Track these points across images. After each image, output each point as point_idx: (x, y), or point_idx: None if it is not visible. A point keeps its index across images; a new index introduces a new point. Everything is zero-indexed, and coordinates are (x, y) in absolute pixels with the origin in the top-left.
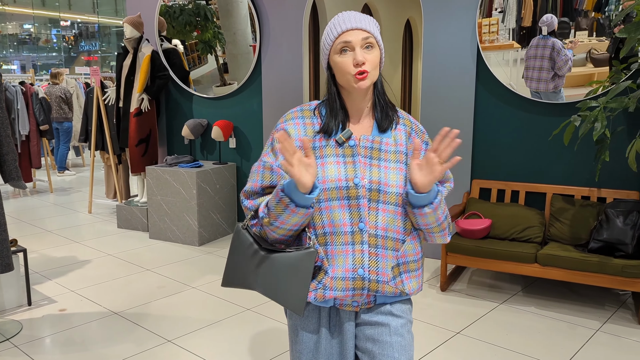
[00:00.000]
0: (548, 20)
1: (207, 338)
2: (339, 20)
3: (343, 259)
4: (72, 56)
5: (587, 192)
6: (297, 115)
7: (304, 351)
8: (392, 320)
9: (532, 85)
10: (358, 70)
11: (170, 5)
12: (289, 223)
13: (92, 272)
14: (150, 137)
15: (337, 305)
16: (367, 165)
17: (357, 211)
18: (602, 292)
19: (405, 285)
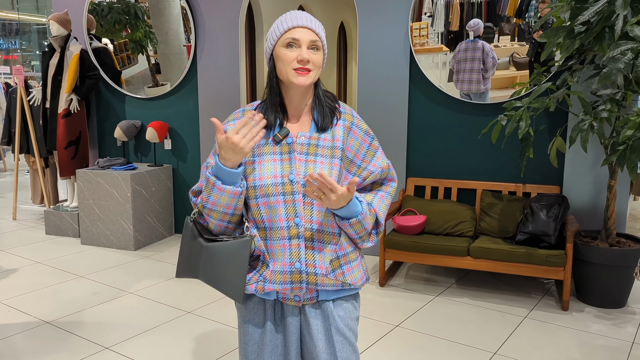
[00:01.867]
0: (475, 25)
1: (146, 343)
2: (291, 16)
3: (281, 253)
4: None
5: (514, 187)
6: (239, 116)
7: (250, 342)
8: (332, 321)
9: (463, 87)
10: (300, 66)
11: (98, 3)
12: (220, 204)
13: (20, 281)
14: (81, 139)
15: (280, 299)
16: (302, 161)
17: (293, 206)
18: (529, 282)
19: (346, 276)
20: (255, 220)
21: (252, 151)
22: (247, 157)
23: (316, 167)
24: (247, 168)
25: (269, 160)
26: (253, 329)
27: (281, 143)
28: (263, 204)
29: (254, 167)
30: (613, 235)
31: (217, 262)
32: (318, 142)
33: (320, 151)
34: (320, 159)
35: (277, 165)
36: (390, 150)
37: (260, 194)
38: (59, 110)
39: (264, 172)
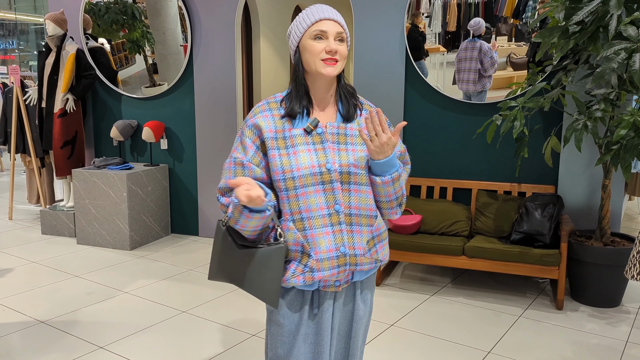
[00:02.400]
0: (476, 24)
1: (141, 343)
2: (317, 9)
3: (325, 240)
4: None
5: (509, 187)
6: (264, 108)
7: (285, 334)
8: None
9: (463, 87)
10: (329, 56)
11: (96, 3)
12: (249, 226)
13: (15, 280)
14: (77, 138)
15: (320, 287)
16: (335, 150)
17: (332, 194)
18: (524, 281)
19: (379, 253)
20: (292, 212)
21: (285, 141)
22: (282, 149)
23: (349, 155)
24: (282, 160)
25: (304, 151)
26: (289, 321)
27: (312, 133)
28: (302, 194)
29: (290, 159)
30: (607, 234)
31: (252, 269)
32: (346, 131)
33: (350, 140)
34: (351, 147)
35: (312, 155)
36: None
37: (300, 185)
38: (55, 110)
39: (300, 163)
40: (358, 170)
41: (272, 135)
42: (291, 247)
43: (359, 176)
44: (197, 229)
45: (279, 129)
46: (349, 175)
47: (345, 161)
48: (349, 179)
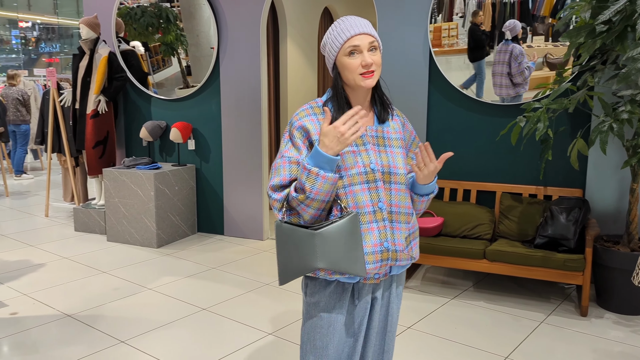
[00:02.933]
0: (511, 25)
1: (161, 338)
2: (346, 25)
3: (371, 235)
4: (32, 58)
5: (534, 190)
6: (309, 112)
7: (324, 326)
8: (393, 302)
9: (497, 92)
10: (365, 70)
11: (132, 7)
12: (323, 192)
13: (47, 275)
14: (108, 139)
15: (361, 280)
16: (377, 152)
17: (376, 192)
18: (549, 287)
19: (413, 250)
20: (341, 208)
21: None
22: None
23: (388, 156)
24: None
25: (349, 153)
26: (329, 313)
27: None
28: (349, 192)
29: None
30: (635, 239)
31: (335, 244)
32: (384, 134)
33: (388, 142)
34: (389, 149)
35: (357, 156)
36: None
37: (348, 184)
38: (87, 111)
39: (347, 164)
40: (397, 171)
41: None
42: None
43: (398, 176)
44: (223, 228)
45: None
46: (390, 175)
47: (386, 162)
48: (390, 179)
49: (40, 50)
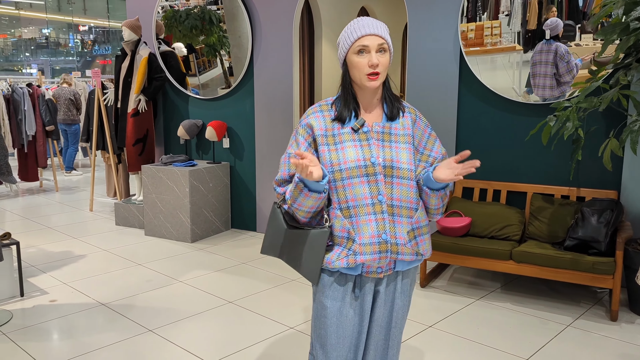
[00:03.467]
0: (553, 23)
1: (187, 328)
2: (358, 25)
3: (368, 227)
4: (87, 60)
5: (567, 191)
6: (316, 110)
7: (329, 315)
8: (398, 297)
9: (539, 93)
10: (371, 71)
11: (177, 9)
12: (306, 205)
13: (86, 266)
14: (147, 137)
15: (363, 273)
16: (380, 146)
17: (376, 185)
18: (580, 290)
19: (420, 246)
20: (339, 201)
21: (334, 138)
22: (331, 145)
23: (392, 151)
24: (331, 154)
25: (350, 147)
26: (333, 303)
27: (359, 131)
28: (348, 185)
29: (338, 154)
30: None
31: (298, 247)
32: (391, 130)
33: (394, 138)
34: (395, 144)
35: (358, 151)
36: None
37: (346, 176)
38: (128, 110)
39: (347, 157)
40: (401, 165)
41: (323, 133)
42: (338, 233)
43: (401, 170)
44: (255, 224)
45: (328, 127)
46: (391, 169)
47: (389, 156)
48: (392, 173)
49: (93, 52)
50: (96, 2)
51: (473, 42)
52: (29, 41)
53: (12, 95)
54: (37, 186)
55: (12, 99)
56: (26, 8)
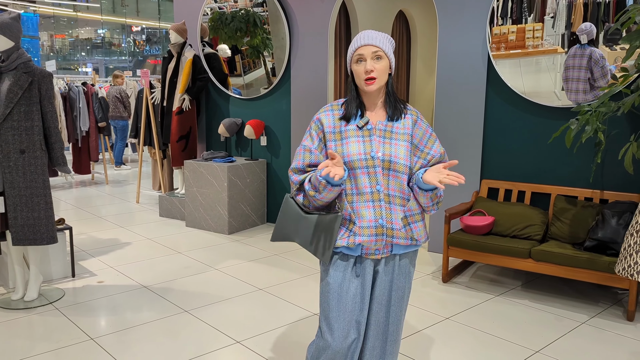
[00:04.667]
0: (587, 28)
1: (218, 310)
2: (358, 37)
3: (367, 212)
4: (139, 60)
5: (590, 193)
6: (327, 109)
7: (332, 291)
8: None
9: (572, 97)
10: (367, 76)
11: (223, 12)
12: (328, 197)
13: (131, 252)
14: (190, 134)
15: (363, 254)
16: (381, 143)
17: (375, 177)
18: (601, 291)
19: (414, 232)
20: (344, 188)
21: (341, 134)
22: (337, 140)
23: (391, 147)
24: (337, 148)
25: (354, 142)
26: (335, 280)
27: (363, 129)
28: (352, 175)
29: (342, 148)
30: None
31: (313, 230)
32: (392, 129)
33: (394, 136)
34: (395, 141)
35: (360, 145)
36: (465, 152)
37: (349, 167)
38: (173, 108)
39: (350, 151)
40: (398, 160)
41: (331, 130)
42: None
43: (397, 165)
44: None
45: (336, 125)
46: (389, 163)
47: (388, 152)
48: (389, 166)
49: (144, 52)
50: (148, 4)
51: (514, 45)
52: (85, 41)
53: (68, 93)
54: (89, 179)
55: (69, 97)
56: (83, 10)
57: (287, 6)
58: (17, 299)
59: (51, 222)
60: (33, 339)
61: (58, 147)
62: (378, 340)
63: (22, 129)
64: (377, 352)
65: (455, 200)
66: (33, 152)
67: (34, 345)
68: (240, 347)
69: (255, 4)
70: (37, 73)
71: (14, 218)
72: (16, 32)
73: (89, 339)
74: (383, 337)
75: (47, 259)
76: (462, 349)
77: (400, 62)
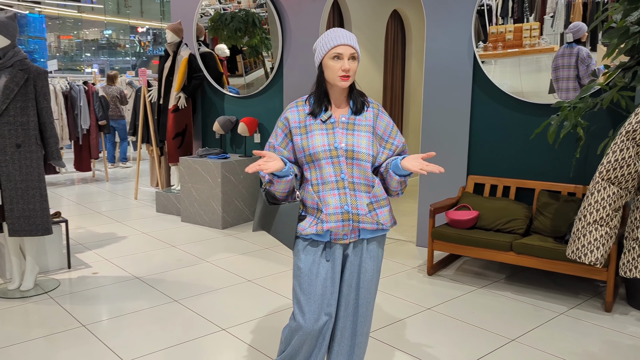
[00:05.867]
0: (576, 27)
1: (207, 300)
2: (336, 35)
3: (332, 200)
4: (143, 60)
5: (573, 188)
6: (293, 106)
7: (302, 275)
8: (365, 261)
9: (562, 96)
10: (343, 74)
11: (223, 12)
12: (280, 187)
13: (126, 246)
14: (186, 131)
15: (332, 240)
16: (344, 134)
17: (339, 166)
18: (582, 284)
19: (379, 217)
20: (311, 178)
21: (306, 128)
22: (303, 135)
23: (354, 138)
24: (303, 142)
25: (318, 135)
26: (306, 264)
27: (326, 122)
28: (317, 166)
29: (308, 141)
30: None
31: (277, 219)
32: (354, 121)
33: (357, 127)
34: (357, 132)
35: (324, 138)
36: (452, 148)
37: (315, 159)
38: (169, 106)
39: (315, 143)
40: (360, 150)
41: (297, 125)
42: (309, 204)
43: (360, 154)
44: None
45: (302, 120)
46: (352, 153)
47: (351, 142)
48: (352, 155)
49: (148, 53)
50: (152, 5)
51: (511, 44)
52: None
53: (70, 92)
54: (90, 176)
55: (70, 96)
56: (87, 11)
57: (280, 6)
58: (13, 288)
59: (46, 214)
60: (28, 326)
61: (53, 142)
62: (348, 320)
63: (18, 124)
64: (348, 332)
65: (442, 195)
66: (29, 147)
67: (28, 331)
68: (225, 334)
69: (257, 4)
70: (33, 70)
71: (10, 210)
72: (12, 30)
73: (81, 325)
74: (353, 319)
75: (44, 250)
76: (440, 338)
77: (395, 61)
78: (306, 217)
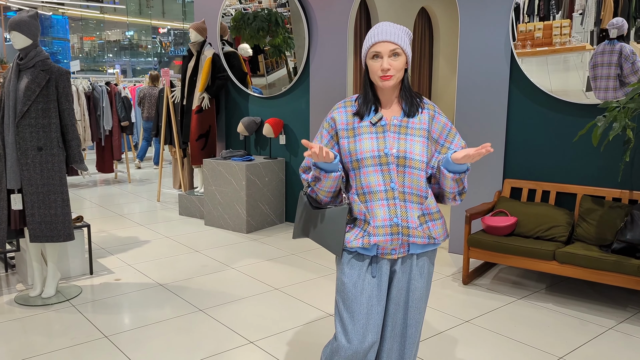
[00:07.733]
0: (618, 23)
1: (233, 310)
2: (374, 32)
3: (381, 211)
4: (165, 61)
5: (619, 194)
6: (340, 106)
7: (346, 290)
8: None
9: (601, 96)
10: (382, 74)
11: (245, 12)
12: (326, 186)
13: (149, 250)
14: (210, 132)
15: (379, 254)
16: (395, 139)
17: (388, 174)
18: (629, 295)
19: (431, 230)
20: (356, 187)
21: (354, 131)
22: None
23: (407, 143)
24: (350, 145)
25: (367, 139)
26: (350, 279)
27: (376, 125)
28: (364, 173)
29: (355, 145)
30: None
31: (323, 224)
32: (407, 124)
33: (410, 131)
34: (410, 137)
35: (373, 142)
36: None
37: (362, 165)
38: (193, 107)
39: (363, 148)
40: (413, 156)
41: (344, 127)
42: (356, 215)
43: (413, 161)
44: None
45: (349, 121)
46: (404, 160)
47: (403, 148)
48: (405, 163)
49: (170, 53)
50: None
51: (541, 42)
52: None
53: (92, 93)
54: (112, 177)
55: (92, 97)
56: (110, 12)
57: (307, 4)
58: (35, 295)
59: (68, 219)
60: (50, 335)
61: (75, 145)
62: (395, 342)
63: (40, 127)
64: (395, 355)
65: (477, 200)
66: (50, 150)
67: (51, 341)
68: (253, 347)
69: (279, 4)
70: (55, 71)
71: (31, 215)
72: (34, 30)
73: (103, 336)
74: (401, 340)
75: (66, 256)
76: (481, 354)
77: (423, 60)
78: (353, 228)
